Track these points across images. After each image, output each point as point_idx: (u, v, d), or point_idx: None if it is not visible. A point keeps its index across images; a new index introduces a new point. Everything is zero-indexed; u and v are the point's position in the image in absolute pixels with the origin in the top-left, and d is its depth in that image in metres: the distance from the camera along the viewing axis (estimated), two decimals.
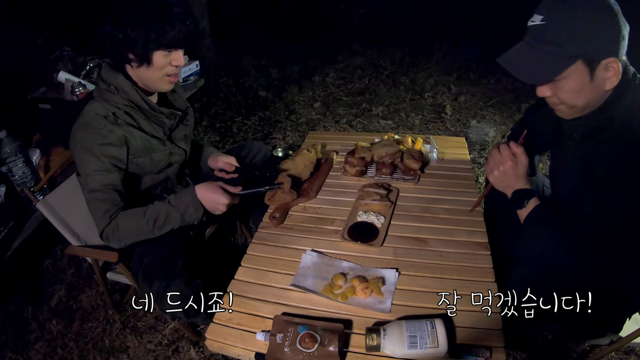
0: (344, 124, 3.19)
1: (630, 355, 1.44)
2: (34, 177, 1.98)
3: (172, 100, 1.41)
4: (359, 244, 1.17)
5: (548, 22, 0.87)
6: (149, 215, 1.21)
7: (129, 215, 1.22)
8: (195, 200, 1.22)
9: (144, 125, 1.29)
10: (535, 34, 0.90)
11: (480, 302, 0.92)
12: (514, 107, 3.25)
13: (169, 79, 1.24)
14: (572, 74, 0.87)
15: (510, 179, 1.07)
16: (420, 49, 4.28)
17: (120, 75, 1.21)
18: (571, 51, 0.85)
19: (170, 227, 1.24)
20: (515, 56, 0.93)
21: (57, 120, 2.25)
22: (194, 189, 1.23)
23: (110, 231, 1.21)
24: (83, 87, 2.19)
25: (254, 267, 1.14)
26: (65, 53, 2.39)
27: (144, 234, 1.23)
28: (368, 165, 1.52)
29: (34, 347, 1.66)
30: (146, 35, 1.12)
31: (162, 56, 1.18)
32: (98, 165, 1.19)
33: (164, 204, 1.23)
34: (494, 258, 1.09)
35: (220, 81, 4.05)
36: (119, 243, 1.24)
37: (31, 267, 2.03)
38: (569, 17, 0.84)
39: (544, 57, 0.88)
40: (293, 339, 0.86)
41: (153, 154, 1.32)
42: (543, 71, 0.90)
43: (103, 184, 1.20)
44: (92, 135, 1.18)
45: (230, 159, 1.54)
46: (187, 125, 1.44)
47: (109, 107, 1.22)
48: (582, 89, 0.89)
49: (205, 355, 1.55)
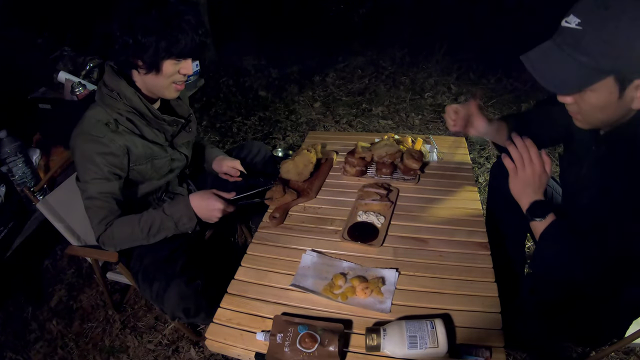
0: (344, 124, 3.19)
1: (630, 355, 1.44)
2: (34, 177, 1.98)
3: (175, 106, 1.39)
4: (359, 244, 1.17)
5: (585, 29, 0.77)
6: (144, 223, 1.21)
7: (125, 222, 1.22)
8: (189, 210, 1.22)
9: (146, 131, 1.27)
10: (568, 38, 0.80)
11: (481, 303, 0.92)
12: (514, 107, 3.25)
13: (175, 86, 1.23)
14: (600, 88, 0.80)
15: (535, 185, 0.98)
16: (420, 49, 4.28)
17: (123, 81, 1.19)
18: (605, 66, 0.77)
19: (164, 235, 1.25)
20: (541, 58, 0.85)
21: (57, 120, 2.25)
22: (188, 198, 1.23)
23: (106, 237, 1.22)
24: (83, 87, 2.19)
25: (254, 267, 1.14)
26: (65, 53, 2.39)
27: (138, 241, 1.24)
28: (368, 165, 1.52)
29: (34, 347, 1.67)
30: (157, 43, 1.10)
31: (171, 65, 1.16)
32: (97, 173, 1.19)
33: (159, 212, 1.23)
34: (494, 258, 1.09)
35: (220, 81, 4.05)
36: (115, 248, 1.27)
37: (31, 267, 2.03)
38: (609, 30, 0.75)
39: (573, 66, 0.80)
40: (293, 339, 0.86)
41: (154, 160, 1.31)
42: (569, 81, 0.82)
43: (101, 192, 1.20)
44: (92, 144, 1.17)
45: (235, 163, 1.52)
46: (189, 132, 1.42)
47: (111, 112, 1.20)
48: (607, 105, 0.83)
49: (205, 355, 1.55)
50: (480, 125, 1.26)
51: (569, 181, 1.14)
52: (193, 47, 1.14)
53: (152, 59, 1.13)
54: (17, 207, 1.90)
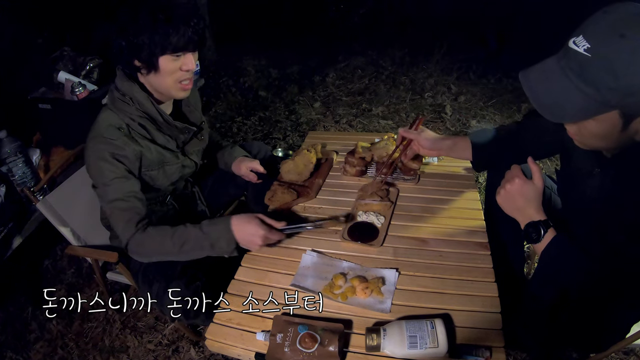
0: (344, 124, 3.19)
1: (630, 355, 1.44)
2: (34, 177, 1.98)
3: (187, 112, 1.37)
4: (359, 244, 1.17)
5: (594, 57, 0.69)
6: (177, 237, 1.12)
7: (157, 232, 1.14)
8: (228, 232, 1.11)
9: (157, 137, 1.25)
10: (574, 63, 0.72)
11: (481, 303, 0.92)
12: (514, 107, 3.25)
13: (182, 85, 1.19)
14: (603, 119, 0.74)
15: (518, 201, 0.94)
16: (420, 49, 4.28)
17: (135, 86, 1.17)
18: (611, 101, 0.70)
19: (197, 255, 1.14)
20: (541, 80, 0.77)
21: (57, 120, 2.26)
22: (229, 219, 1.12)
23: (135, 244, 1.13)
24: (83, 87, 2.19)
25: (254, 267, 1.14)
26: (65, 53, 2.39)
27: (169, 255, 1.15)
28: (368, 165, 1.52)
29: (34, 347, 1.67)
30: (150, 40, 1.08)
31: (169, 61, 1.12)
32: (116, 172, 1.15)
33: (196, 228, 1.13)
34: (495, 259, 1.09)
35: (220, 81, 4.05)
36: (144, 259, 1.18)
37: (31, 267, 2.03)
38: (622, 61, 0.67)
39: (575, 95, 0.72)
40: (293, 339, 0.86)
41: (166, 167, 1.30)
42: (569, 112, 0.75)
43: (124, 192, 1.15)
44: (106, 145, 1.14)
45: (254, 164, 1.48)
46: (201, 139, 1.40)
47: (123, 117, 1.18)
48: (608, 136, 0.77)
49: (205, 355, 1.55)
50: (424, 145, 1.29)
51: (571, 198, 1.10)
52: (187, 40, 1.10)
53: (147, 57, 1.11)
54: (17, 207, 1.90)
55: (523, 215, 0.95)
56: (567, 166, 1.08)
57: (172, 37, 1.09)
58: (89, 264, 1.90)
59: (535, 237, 0.91)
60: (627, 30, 0.67)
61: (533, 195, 0.94)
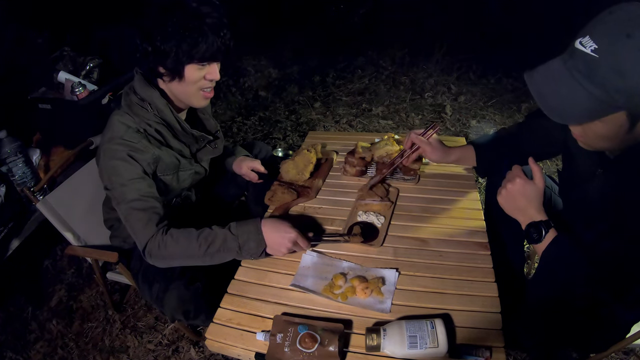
0: (344, 124, 3.19)
1: (630, 355, 1.45)
2: (34, 177, 1.98)
3: (203, 119, 1.36)
4: (359, 244, 1.17)
5: (601, 58, 0.69)
6: (203, 239, 1.08)
7: (181, 233, 1.09)
8: (258, 234, 1.08)
9: (173, 143, 1.24)
10: (581, 64, 0.72)
11: (481, 303, 0.92)
12: (514, 107, 3.25)
13: (203, 94, 1.17)
14: (610, 120, 0.74)
15: (520, 201, 0.94)
16: (420, 49, 4.27)
17: (156, 92, 1.14)
18: (618, 101, 0.70)
19: (223, 258, 1.10)
20: (547, 82, 0.77)
21: (57, 120, 2.26)
22: (259, 221, 1.10)
23: (156, 246, 1.08)
24: (83, 87, 2.19)
25: (254, 267, 1.14)
26: (65, 53, 2.40)
27: (192, 258, 1.10)
28: (368, 165, 1.52)
29: (34, 347, 1.67)
30: (177, 48, 1.05)
31: (195, 70, 1.11)
32: (133, 172, 1.12)
33: (223, 229, 1.10)
34: (495, 259, 1.09)
35: (220, 81, 4.04)
36: (163, 262, 1.12)
37: (31, 267, 2.03)
38: (630, 62, 0.67)
39: (582, 96, 0.72)
40: (293, 339, 0.86)
41: (180, 172, 1.29)
42: (576, 113, 0.75)
43: (141, 192, 1.11)
44: (124, 146, 1.12)
45: (254, 164, 1.47)
46: (214, 148, 1.38)
47: (139, 122, 1.15)
48: (614, 137, 0.77)
49: (205, 355, 1.55)
50: (431, 159, 1.38)
51: (573, 198, 1.10)
52: (215, 50, 1.08)
53: (173, 65, 1.08)
54: (17, 207, 1.90)
55: (524, 215, 0.95)
56: (569, 167, 1.08)
57: (201, 46, 1.06)
58: (89, 264, 1.90)
59: (536, 237, 0.92)
60: (633, 30, 0.67)
61: (534, 195, 0.94)
